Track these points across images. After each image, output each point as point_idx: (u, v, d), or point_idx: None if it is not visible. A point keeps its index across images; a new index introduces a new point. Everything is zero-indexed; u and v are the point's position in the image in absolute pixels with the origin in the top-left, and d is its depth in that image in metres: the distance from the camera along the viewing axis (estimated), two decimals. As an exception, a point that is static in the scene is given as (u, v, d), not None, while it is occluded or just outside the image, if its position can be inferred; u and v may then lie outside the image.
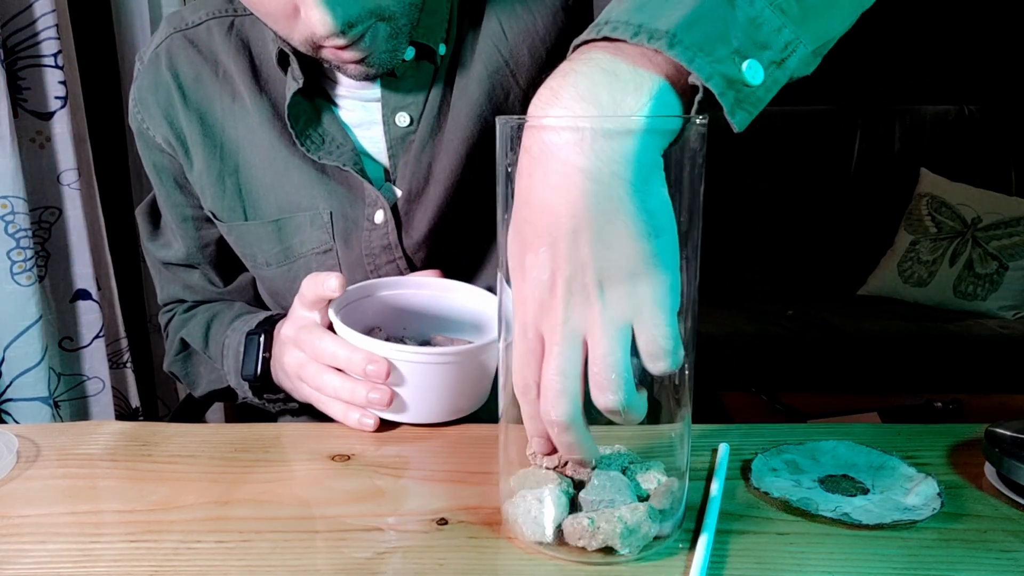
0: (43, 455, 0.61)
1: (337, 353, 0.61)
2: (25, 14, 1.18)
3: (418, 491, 0.54)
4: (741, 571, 0.44)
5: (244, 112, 0.75)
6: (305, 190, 0.74)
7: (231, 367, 0.77)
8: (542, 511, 0.46)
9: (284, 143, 0.74)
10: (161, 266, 0.87)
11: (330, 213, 0.74)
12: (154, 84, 0.77)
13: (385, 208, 0.73)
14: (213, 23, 0.77)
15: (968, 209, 2.29)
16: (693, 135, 0.42)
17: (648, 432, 0.51)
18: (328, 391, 0.63)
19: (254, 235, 0.77)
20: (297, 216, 0.75)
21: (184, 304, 0.88)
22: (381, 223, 0.73)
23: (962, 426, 0.63)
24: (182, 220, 0.82)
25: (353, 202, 0.74)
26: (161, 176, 0.81)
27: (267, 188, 0.75)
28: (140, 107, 0.78)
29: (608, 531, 0.44)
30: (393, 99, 0.73)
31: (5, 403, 1.19)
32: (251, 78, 0.75)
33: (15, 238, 1.15)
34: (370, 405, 0.61)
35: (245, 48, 0.76)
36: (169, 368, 0.88)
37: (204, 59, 0.76)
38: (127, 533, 0.49)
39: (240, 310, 0.82)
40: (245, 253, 0.79)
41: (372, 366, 0.59)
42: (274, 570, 0.45)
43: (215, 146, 0.76)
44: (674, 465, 0.49)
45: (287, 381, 0.70)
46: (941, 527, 0.48)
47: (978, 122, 2.50)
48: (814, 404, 1.59)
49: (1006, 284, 2.19)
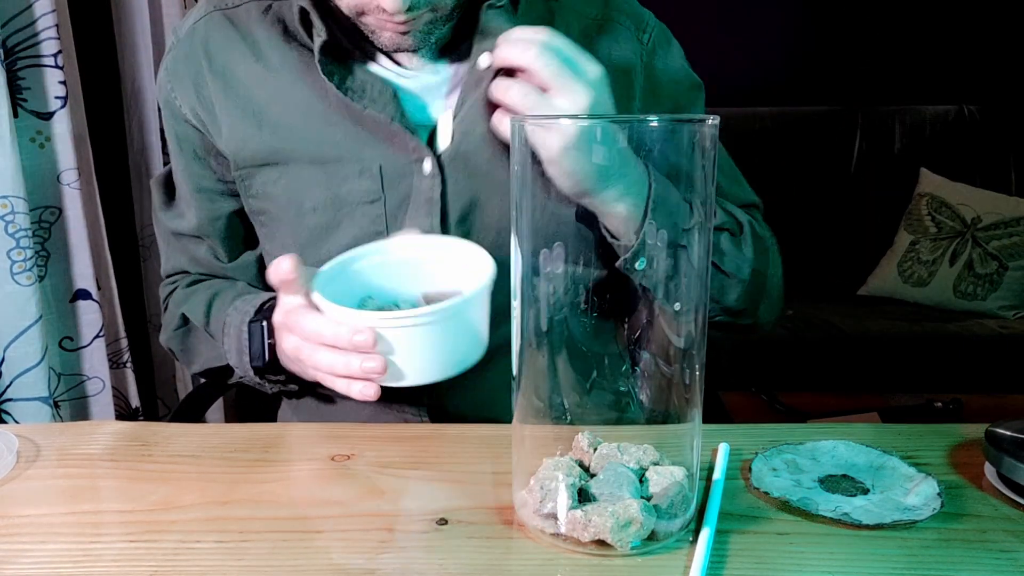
0: (43, 455, 0.61)
1: (322, 331, 0.62)
2: (25, 14, 1.18)
3: (418, 491, 0.54)
4: (741, 571, 0.44)
5: (273, 73, 0.76)
6: (347, 140, 0.75)
7: (232, 346, 0.78)
8: (550, 499, 0.46)
9: (319, 98, 0.75)
10: (171, 236, 0.89)
11: (379, 165, 0.74)
12: (186, 56, 0.79)
13: (431, 157, 0.73)
14: (252, 5, 0.79)
15: (968, 209, 2.29)
16: (706, 136, 0.43)
17: (657, 432, 0.51)
18: (324, 368, 0.63)
19: (303, 180, 0.77)
20: (345, 164, 0.75)
21: (187, 277, 0.89)
22: (429, 173, 0.74)
23: (962, 426, 0.63)
24: (197, 191, 0.84)
25: (397, 154, 0.74)
26: (183, 146, 0.83)
27: (308, 140, 0.76)
28: (171, 77, 0.80)
29: (599, 524, 0.45)
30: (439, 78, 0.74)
31: (5, 403, 1.19)
32: (282, 43, 0.77)
33: (15, 238, 1.15)
34: (366, 375, 0.61)
35: (280, 23, 0.78)
36: (167, 342, 0.89)
37: (239, 34, 0.78)
38: (127, 533, 0.49)
39: (242, 289, 0.83)
40: (291, 199, 0.78)
41: (359, 336, 0.60)
42: (274, 570, 0.45)
43: (244, 106, 0.77)
44: (683, 465, 0.49)
45: (292, 364, 0.71)
46: (941, 527, 0.48)
47: (978, 122, 2.50)
48: (814, 404, 1.59)
49: (1006, 284, 2.19)
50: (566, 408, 0.52)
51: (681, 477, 0.48)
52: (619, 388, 0.51)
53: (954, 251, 2.26)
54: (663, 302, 0.47)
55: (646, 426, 0.50)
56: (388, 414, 0.79)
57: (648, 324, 0.47)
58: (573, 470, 0.49)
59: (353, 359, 0.61)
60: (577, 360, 0.51)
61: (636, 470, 0.50)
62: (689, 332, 0.47)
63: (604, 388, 0.47)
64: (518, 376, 0.49)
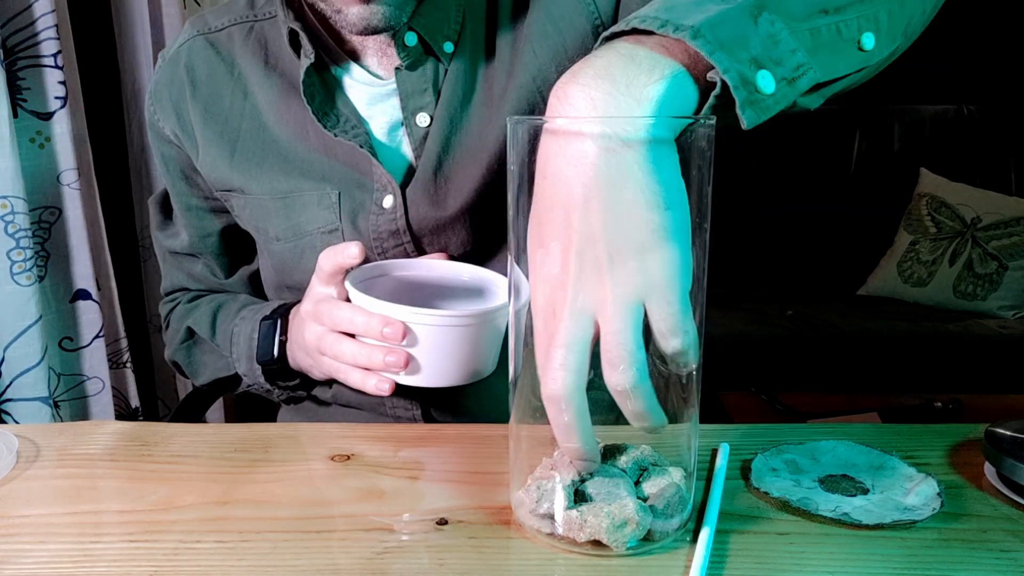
0: (43, 455, 0.61)
1: (355, 319, 0.63)
2: (25, 14, 1.18)
3: (418, 491, 0.54)
4: (741, 571, 0.44)
5: (253, 100, 0.77)
6: (314, 170, 0.75)
7: (241, 353, 0.79)
8: (547, 499, 0.46)
9: (294, 126, 0.76)
10: (168, 255, 0.90)
11: (338, 194, 0.75)
12: (170, 79, 0.80)
13: (396, 193, 0.73)
14: (234, 29, 0.80)
15: (968, 209, 2.29)
16: (702, 135, 0.43)
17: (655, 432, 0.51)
18: (347, 358, 0.64)
19: (264, 209, 0.78)
20: (305, 194, 0.76)
21: (188, 293, 0.90)
22: (390, 208, 0.74)
23: (962, 426, 0.63)
24: (186, 209, 0.85)
25: (362, 185, 0.75)
26: (168, 166, 0.84)
27: (275, 167, 0.76)
28: (154, 100, 0.82)
29: (595, 524, 0.45)
30: (412, 100, 0.73)
31: (5, 403, 1.19)
32: (263, 68, 0.77)
33: (15, 238, 1.15)
34: (387, 368, 0.62)
35: (262, 47, 0.78)
36: (172, 357, 0.89)
37: (221, 60, 0.79)
38: (127, 533, 0.49)
39: (245, 301, 0.85)
40: (257, 227, 0.80)
41: (388, 328, 0.61)
42: (274, 570, 0.45)
43: (220, 132, 0.78)
44: (680, 465, 0.49)
45: (306, 359, 0.71)
46: (941, 527, 0.48)
47: (978, 122, 2.50)
48: (814, 404, 1.59)
49: (1006, 284, 2.19)
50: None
51: (678, 477, 0.48)
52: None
53: (954, 251, 2.26)
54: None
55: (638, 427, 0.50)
56: (387, 415, 0.79)
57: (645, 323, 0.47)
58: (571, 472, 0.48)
59: (376, 352, 0.62)
60: None
61: (633, 470, 0.50)
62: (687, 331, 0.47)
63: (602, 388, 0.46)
64: (516, 376, 0.49)
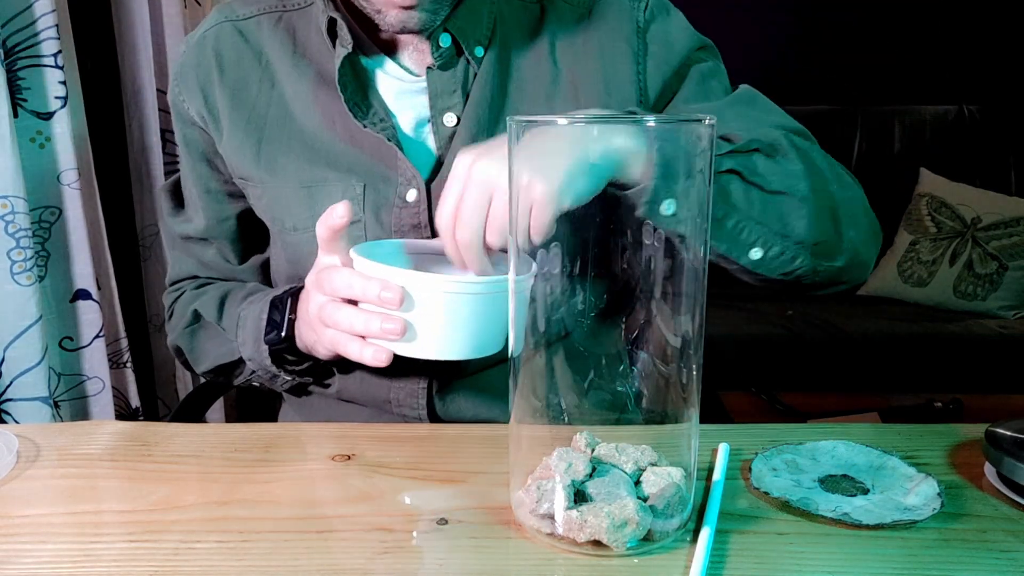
0: (43, 455, 0.61)
1: (352, 283, 0.62)
2: (25, 14, 1.17)
3: (418, 491, 0.54)
4: (741, 571, 0.44)
5: (280, 89, 0.78)
6: (340, 161, 0.75)
7: (248, 336, 0.78)
8: (547, 499, 0.46)
9: (321, 117, 0.76)
10: (179, 240, 0.89)
11: (363, 186, 0.75)
12: (196, 61, 0.80)
13: (420, 188, 0.74)
14: (263, 18, 0.80)
15: (968, 209, 2.29)
16: (703, 135, 0.43)
17: (654, 432, 0.51)
18: (344, 326, 0.63)
19: (286, 199, 0.78)
20: (329, 185, 0.76)
21: (195, 281, 0.90)
22: (413, 201, 0.74)
23: (962, 426, 0.63)
24: (205, 192, 0.85)
25: (386, 178, 0.75)
26: (190, 149, 0.84)
27: (301, 156, 0.77)
28: (180, 82, 0.82)
29: (595, 525, 0.45)
30: (440, 100, 0.75)
31: (5, 403, 1.19)
32: (291, 57, 0.78)
33: (15, 238, 1.15)
34: (384, 336, 0.60)
35: (290, 36, 0.79)
36: (175, 343, 0.89)
37: (249, 47, 0.79)
38: (127, 533, 0.49)
39: (253, 288, 0.84)
40: (274, 217, 0.80)
41: (386, 292, 0.59)
42: (274, 570, 0.45)
43: (247, 118, 0.78)
44: (680, 465, 0.49)
45: (310, 334, 0.70)
46: (941, 527, 0.48)
47: (978, 122, 2.50)
48: (814, 404, 1.59)
49: (1006, 284, 2.19)
50: (564, 408, 0.52)
51: (678, 477, 0.48)
52: (617, 388, 0.51)
53: (954, 251, 2.26)
54: (660, 301, 0.47)
55: (644, 426, 0.50)
56: (388, 414, 0.79)
57: (646, 323, 0.47)
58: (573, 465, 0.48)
59: (374, 319, 0.60)
60: (575, 360, 0.51)
61: (634, 471, 0.50)
62: (686, 331, 0.47)
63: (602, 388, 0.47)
64: (516, 376, 0.49)
